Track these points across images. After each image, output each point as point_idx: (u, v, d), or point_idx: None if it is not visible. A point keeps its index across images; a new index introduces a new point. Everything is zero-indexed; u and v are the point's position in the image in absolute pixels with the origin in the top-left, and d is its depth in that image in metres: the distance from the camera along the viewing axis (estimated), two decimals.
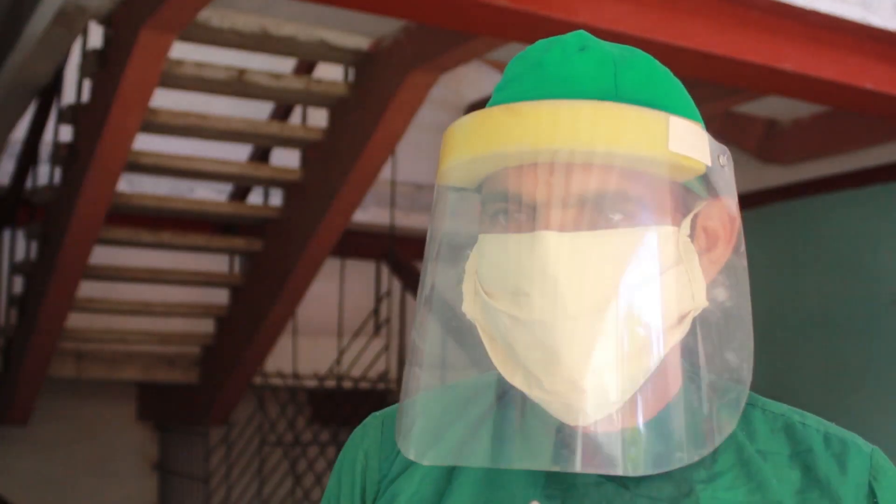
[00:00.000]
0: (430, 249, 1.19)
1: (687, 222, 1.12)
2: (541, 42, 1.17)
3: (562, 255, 1.05)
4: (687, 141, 1.08)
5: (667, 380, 1.14)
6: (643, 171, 1.08)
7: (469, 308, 1.16)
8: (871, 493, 1.16)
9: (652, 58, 1.18)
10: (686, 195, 1.13)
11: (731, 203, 1.15)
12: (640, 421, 1.10)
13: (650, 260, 1.08)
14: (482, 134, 1.08)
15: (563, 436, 1.10)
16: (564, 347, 1.05)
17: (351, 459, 1.28)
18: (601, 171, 1.07)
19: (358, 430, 1.31)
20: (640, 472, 1.08)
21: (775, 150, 6.24)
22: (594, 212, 1.07)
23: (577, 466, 1.08)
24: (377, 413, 1.31)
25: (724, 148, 1.14)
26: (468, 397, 1.21)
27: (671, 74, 1.18)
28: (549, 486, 1.15)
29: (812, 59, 4.53)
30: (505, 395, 1.17)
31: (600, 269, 1.06)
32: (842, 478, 1.16)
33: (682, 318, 1.11)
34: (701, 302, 1.12)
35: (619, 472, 1.08)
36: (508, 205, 1.10)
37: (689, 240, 1.12)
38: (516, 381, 1.10)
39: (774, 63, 4.45)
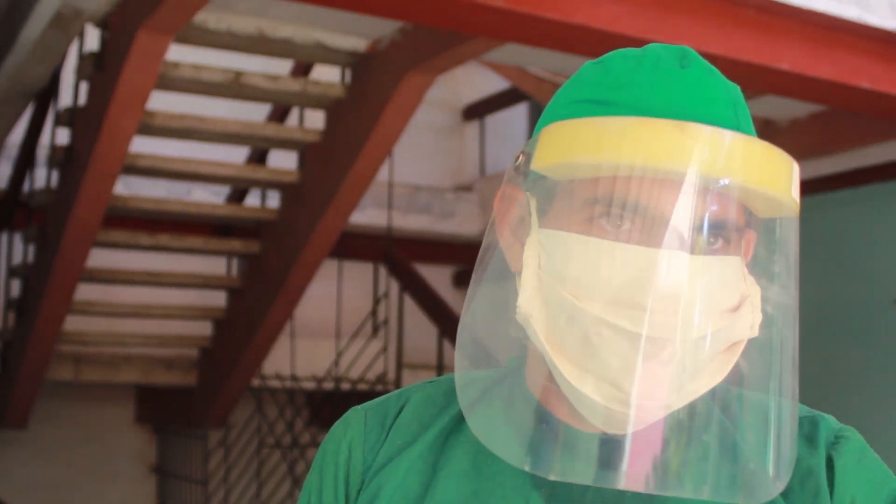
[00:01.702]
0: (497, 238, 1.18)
1: (742, 252, 1.15)
2: (659, 48, 1.17)
3: (691, 277, 1.06)
4: (797, 186, 1.14)
5: (722, 405, 1.15)
6: (764, 210, 1.14)
7: (527, 304, 1.12)
8: (830, 460, 1.18)
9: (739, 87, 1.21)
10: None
11: (795, 245, 1.20)
12: (701, 444, 1.11)
13: (737, 289, 1.12)
14: (644, 142, 1.06)
15: (608, 446, 1.10)
16: (669, 367, 1.06)
17: (334, 451, 1.27)
18: (738, 205, 1.11)
19: (339, 423, 1.30)
20: (718, 498, 1.09)
21: None
22: (721, 241, 1.10)
23: (649, 486, 1.08)
24: (358, 406, 1.30)
25: None
26: (499, 382, 1.21)
27: None
28: (538, 477, 1.15)
29: (809, 58, 4.53)
30: (538, 391, 1.17)
31: (712, 296, 1.08)
32: (812, 451, 1.19)
33: (734, 345, 1.13)
34: (754, 332, 1.14)
35: (665, 492, 1.09)
36: (627, 213, 1.08)
37: (747, 271, 1.15)
38: (586, 388, 1.08)
39: (771, 63, 4.45)
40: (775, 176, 1.09)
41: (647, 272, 1.06)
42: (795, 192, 1.12)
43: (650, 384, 1.06)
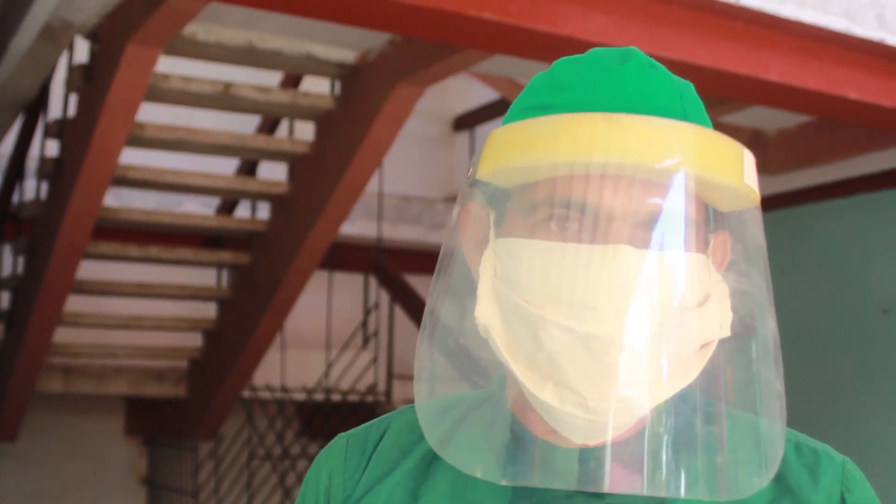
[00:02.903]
0: (453, 249, 1.17)
1: (709, 251, 1.13)
2: (600, 51, 1.16)
3: (638, 271, 1.03)
4: (752, 173, 1.10)
5: (697, 406, 1.13)
6: (715, 200, 1.10)
7: (485, 313, 1.12)
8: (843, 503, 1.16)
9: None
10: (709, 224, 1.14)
11: (761, 234, 1.15)
12: (681, 445, 1.09)
13: (700, 286, 1.09)
14: (575, 138, 1.04)
15: (587, 455, 1.09)
16: (621, 366, 1.03)
17: (315, 479, 1.27)
18: (685, 195, 1.06)
19: (324, 450, 1.29)
20: (682, 495, 1.07)
21: (761, 161, 6.25)
22: (670, 233, 1.06)
23: (606, 485, 1.06)
24: (343, 433, 1.30)
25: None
26: (475, 406, 1.20)
27: None
28: (518, 499, 1.14)
29: (797, 69, 4.55)
30: (517, 408, 1.16)
31: (665, 291, 1.05)
32: (813, 487, 1.16)
33: (704, 346, 1.11)
34: (725, 332, 1.12)
35: (656, 493, 1.06)
36: (571, 212, 1.07)
37: (713, 269, 1.13)
38: (545, 394, 1.06)
39: (759, 74, 4.47)
40: (718, 162, 1.06)
41: (588, 269, 1.04)
42: (750, 179, 1.08)
43: (605, 384, 1.04)
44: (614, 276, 1.03)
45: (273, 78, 6.15)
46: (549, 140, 1.05)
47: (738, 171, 1.07)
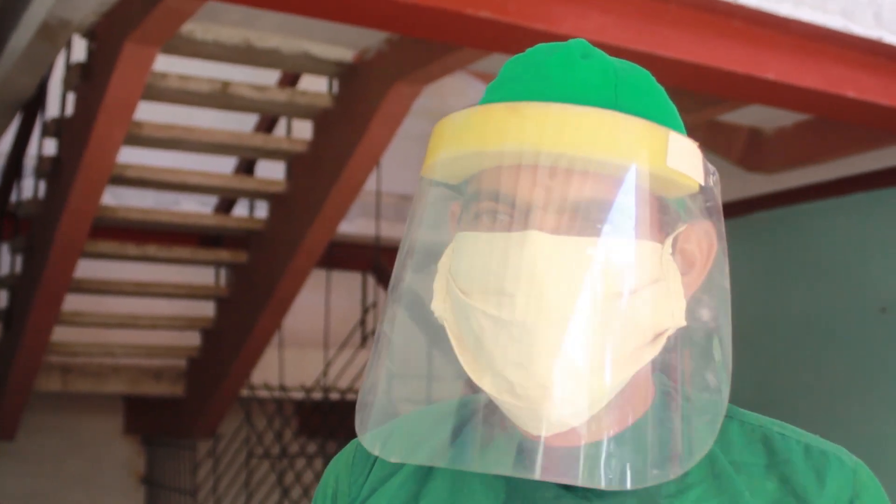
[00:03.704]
0: (408, 245, 1.18)
1: (670, 241, 1.12)
2: (541, 46, 1.16)
3: (551, 256, 1.04)
4: (684, 158, 1.08)
5: (638, 395, 1.14)
6: (637, 184, 1.07)
7: (438, 307, 1.15)
8: None
9: (649, 73, 1.18)
10: (673, 214, 1.12)
11: (718, 225, 1.14)
12: (609, 434, 1.09)
13: (635, 272, 1.07)
14: (482, 130, 1.06)
15: (527, 444, 1.09)
16: (541, 351, 1.04)
17: (324, 483, 1.30)
18: (598, 179, 1.06)
19: (336, 455, 1.32)
20: (606, 486, 1.07)
21: (759, 159, 6.25)
22: (586, 218, 1.06)
23: (537, 474, 1.06)
24: (357, 438, 1.30)
25: (714, 169, 1.13)
26: (433, 407, 1.22)
27: (665, 92, 1.18)
28: (510, 500, 1.15)
29: (794, 68, 4.55)
30: (470, 401, 1.17)
31: (585, 276, 1.04)
32: (819, 491, 1.15)
33: (658, 336, 1.10)
34: (679, 321, 1.11)
35: (581, 483, 1.06)
36: (497, 204, 1.08)
37: (671, 258, 1.12)
38: (484, 384, 1.08)
39: (757, 72, 4.47)
40: (624, 146, 1.05)
41: (503, 257, 1.05)
42: (679, 164, 1.07)
43: (527, 371, 1.04)
44: (524, 261, 1.04)
45: (271, 77, 6.14)
46: (460, 134, 1.09)
47: (655, 155, 1.05)
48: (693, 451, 1.09)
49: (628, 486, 1.07)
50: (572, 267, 1.04)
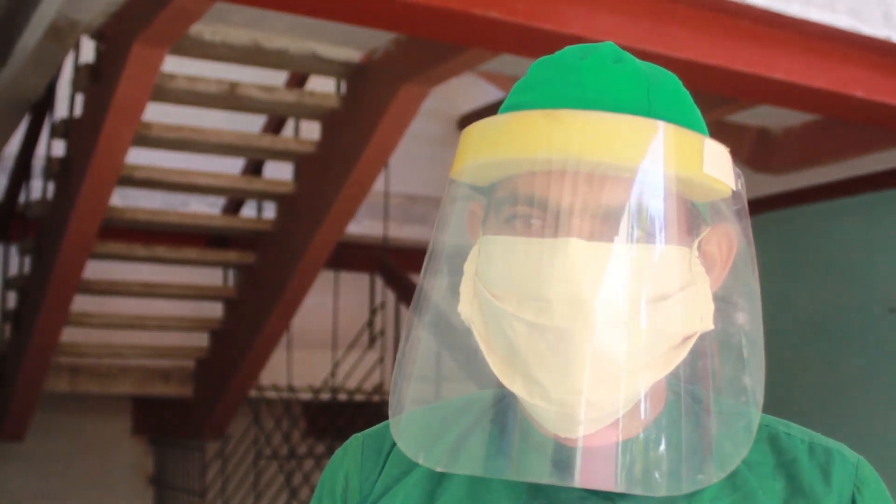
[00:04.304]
0: (438, 248, 1.17)
1: (696, 244, 1.13)
2: (572, 48, 1.16)
3: (588, 263, 1.04)
4: (718, 164, 1.09)
5: (657, 397, 1.14)
6: (674, 191, 1.08)
7: (466, 310, 1.15)
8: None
9: (676, 77, 1.18)
10: (700, 217, 1.14)
11: (745, 227, 1.15)
12: (644, 438, 1.10)
13: (669, 277, 1.08)
14: (519, 136, 1.07)
15: (561, 449, 1.10)
16: (577, 358, 1.04)
17: (331, 481, 1.27)
18: (634, 186, 1.06)
19: (339, 451, 1.30)
20: (643, 492, 1.08)
21: (768, 160, 6.24)
22: (623, 226, 1.06)
23: (576, 481, 1.07)
24: (358, 434, 1.30)
25: (740, 171, 1.14)
26: (462, 403, 1.22)
27: (690, 96, 1.19)
28: (531, 501, 1.15)
29: (803, 68, 4.54)
30: (500, 402, 1.17)
31: (621, 283, 1.05)
32: (826, 488, 1.15)
33: (686, 339, 1.11)
34: (707, 325, 1.12)
35: (622, 489, 1.07)
36: (531, 209, 1.09)
37: (698, 262, 1.12)
38: (516, 387, 1.09)
39: (766, 72, 4.46)
40: (674, 153, 1.05)
41: (540, 263, 1.06)
42: (714, 170, 1.08)
43: (563, 376, 1.05)
44: (563, 268, 1.04)
45: (279, 77, 6.14)
46: (495, 139, 1.09)
47: (692, 162, 1.06)
48: (731, 455, 1.10)
49: (664, 491, 1.08)
50: (609, 274, 1.05)
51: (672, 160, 1.05)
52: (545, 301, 1.05)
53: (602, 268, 1.04)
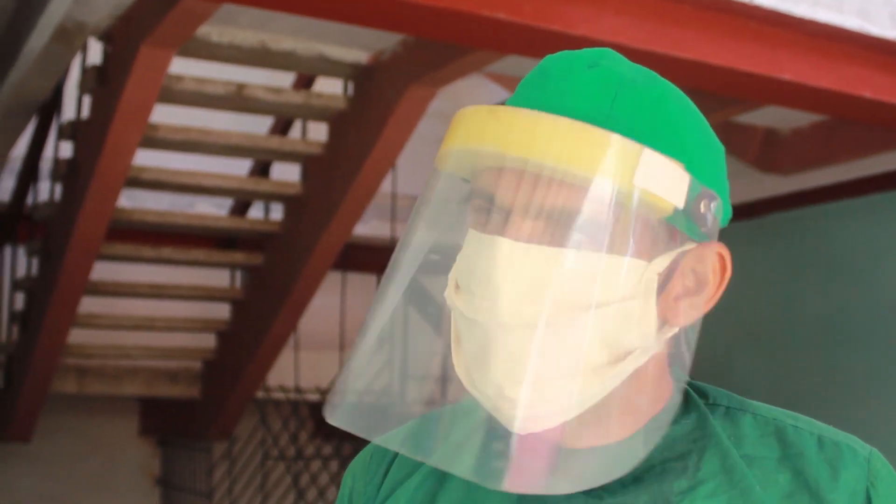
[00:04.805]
0: (415, 232, 1.20)
1: (662, 260, 1.09)
2: (561, 53, 1.16)
3: (511, 263, 1.05)
4: (658, 178, 1.05)
5: (595, 408, 1.11)
6: (602, 198, 1.05)
7: (450, 297, 1.15)
8: (868, 502, 1.14)
9: (667, 87, 1.15)
10: (662, 233, 1.10)
11: (707, 250, 1.12)
12: (561, 440, 1.12)
13: (601, 286, 1.06)
14: (466, 128, 1.10)
15: (494, 446, 1.11)
16: (495, 352, 1.07)
17: (343, 485, 1.31)
18: (563, 189, 1.05)
19: (358, 455, 1.33)
20: (558, 491, 1.10)
21: (775, 160, 6.24)
22: (553, 228, 1.06)
23: (504, 484, 1.08)
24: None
25: (714, 195, 1.10)
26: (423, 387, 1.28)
27: (686, 107, 1.15)
28: (522, 500, 1.15)
29: (810, 68, 4.54)
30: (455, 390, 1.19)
31: (542, 285, 1.05)
32: (833, 483, 1.14)
33: (625, 354, 1.09)
34: (649, 342, 1.10)
35: (540, 491, 1.09)
36: (488, 204, 1.11)
37: (654, 277, 1.09)
38: (459, 372, 1.12)
39: (773, 73, 4.46)
40: (601, 160, 1.03)
41: (479, 258, 1.08)
42: (648, 183, 1.04)
43: (485, 369, 1.07)
44: (487, 264, 1.06)
45: (286, 79, 6.15)
46: (453, 130, 1.13)
47: (620, 171, 1.04)
48: (630, 457, 1.11)
49: (566, 490, 1.10)
50: (528, 274, 1.05)
51: (597, 165, 1.03)
52: (471, 293, 1.08)
53: (522, 268, 1.05)
